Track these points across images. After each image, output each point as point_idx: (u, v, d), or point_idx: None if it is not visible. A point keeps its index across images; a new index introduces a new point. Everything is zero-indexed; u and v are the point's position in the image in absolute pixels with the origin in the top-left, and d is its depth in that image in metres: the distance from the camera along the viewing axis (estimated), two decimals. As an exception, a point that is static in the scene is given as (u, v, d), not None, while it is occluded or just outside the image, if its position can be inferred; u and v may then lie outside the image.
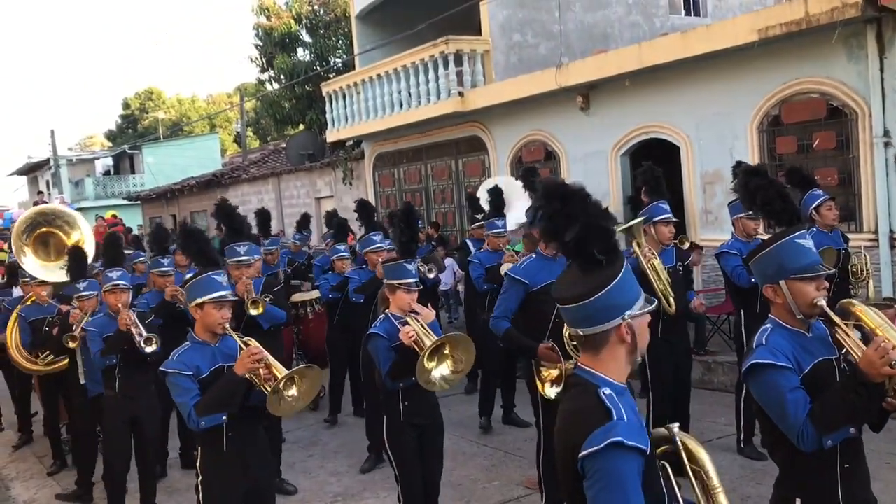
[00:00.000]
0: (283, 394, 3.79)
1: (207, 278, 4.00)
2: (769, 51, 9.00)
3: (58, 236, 7.73)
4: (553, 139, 12.18)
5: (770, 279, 2.91)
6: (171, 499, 6.39)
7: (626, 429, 2.10)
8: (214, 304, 3.95)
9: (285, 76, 20.47)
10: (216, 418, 3.77)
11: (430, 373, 4.31)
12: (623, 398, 2.20)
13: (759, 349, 2.87)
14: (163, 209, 27.68)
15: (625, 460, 2.08)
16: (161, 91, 58.29)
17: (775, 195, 3.06)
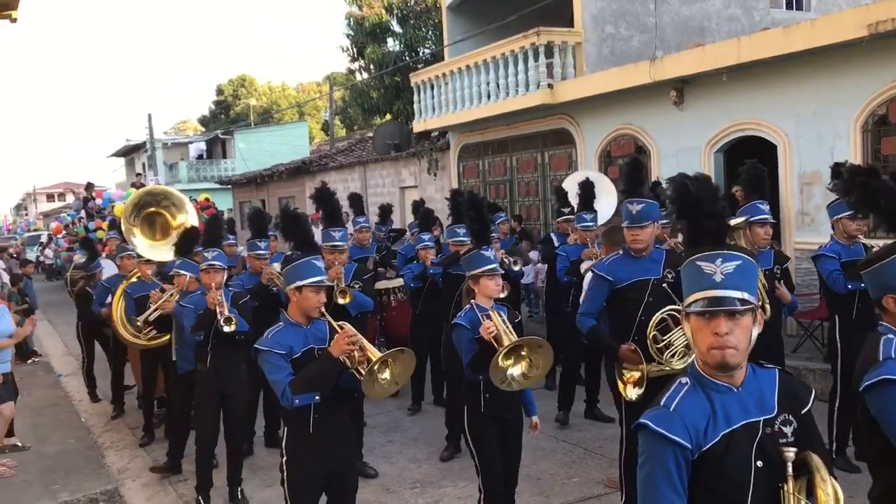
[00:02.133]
0: (377, 376, 3.84)
1: (308, 262, 4.08)
2: (878, 46, 8.59)
3: (164, 217, 8.03)
4: (644, 134, 11.95)
5: (888, 290, 2.76)
6: (256, 476, 6.56)
7: (660, 415, 2.22)
8: (313, 289, 4.03)
9: (375, 66, 20.67)
10: (309, 397, 3.86)
11: (504, 371, 4.28)
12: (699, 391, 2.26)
13: (888, 363, 2.62)
14: (252, 194, 28.39)
15: (650, 443, 2.21)
16: (253, 78, 59.76)
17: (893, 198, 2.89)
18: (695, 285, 2.26)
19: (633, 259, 4.92)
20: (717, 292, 2.21)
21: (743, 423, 2.24)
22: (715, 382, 2.27)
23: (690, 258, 2.29)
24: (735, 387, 2.27)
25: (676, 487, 2.18)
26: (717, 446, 2.20)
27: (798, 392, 2.37)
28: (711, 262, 2.25)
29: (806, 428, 2.33)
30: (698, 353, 2.27)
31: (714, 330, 2.20)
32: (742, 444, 2.22)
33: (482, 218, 5.03)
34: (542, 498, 5.77)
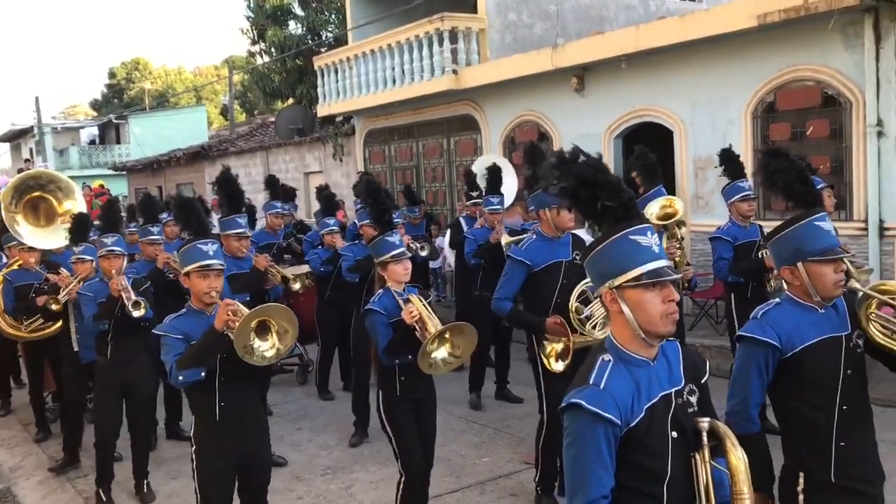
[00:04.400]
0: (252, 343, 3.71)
1: (194, 247, 3.98)
2: (767, 37, 9.01)
3: (49, 202, 7.62)
4: (546, 120, 12.16)
5: (787, 261, 2.93)
6: (160, 469, 6.38)
7: (592, 394, 2.21)
8: (199, 273, 3.93)
9: (276, 49, 20.25)
10: (194, 374, 3.74)
11: (430, 355, 4.30)
12: (622, 367, 2.30)
13: (752, 322, 2.98)
14: (149, 180, 27.44)
15: (581, 422, 2.21)
16: (148, 61, 57.69)
17: (796, 178, 3.06)
18: (634, 259, 2.26)
19: (548, 242, 5.02)
20: (660, 262, 2.28)
21: (660, 396, 2.31)
22: (635, 357, 2.32)
23: (619, 234, 2.29)
24: (651, 360, 2.34)
25: (607, 465, 2.22)
26: (643, 421, 2.26)
27: (697, 363, 2.46)
28: (644, 235, 2.30)
29: (705, 396, 2.43)
30: (643, 324, 2.27)
31: (668, 297, 2.26)
32: (661, 417, 2.29)
33: (382, 203, 4.99)
34: (453, 479, 5.84)
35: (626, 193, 2.34)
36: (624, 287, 2.27)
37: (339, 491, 5.81)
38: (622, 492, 2.26)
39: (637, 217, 2.34)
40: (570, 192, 2.37)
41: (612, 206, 2.31)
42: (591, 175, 2.33)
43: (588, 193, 2.33)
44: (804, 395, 2.90)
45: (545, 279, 4.92)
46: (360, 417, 6.90)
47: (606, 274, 2.32)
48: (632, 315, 2.27)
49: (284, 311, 3.82)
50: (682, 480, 2.31)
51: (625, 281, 2.27)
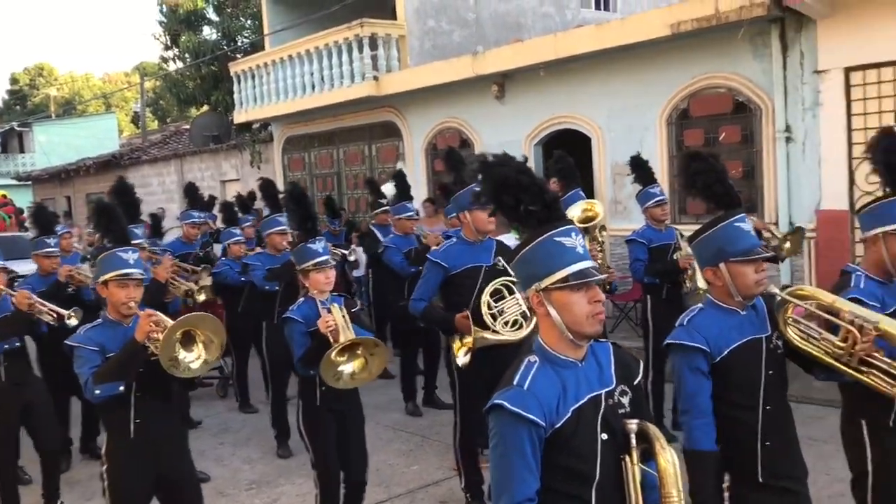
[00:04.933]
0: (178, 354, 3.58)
1: (114, 255, 3.82)
2: (680, 46, 9.26)
3: None
4: (468, 127, 12.21)
5: (709, 262, 2.97)
6: (73, 490, 6.09)
7: (515, 395, 2.21)
8: (118, 283, 3.77)
9: (190, 55, 19.78)
10: (112, 388, 3.58)
11: (336, 367, 4.17)
12: (548, 368, 2.29)
13: (678, 329, 2.99)
14: (56, 190, 26.38)
15: (504, 423, 2.20)
16: (53, 67, 55.63)
17: (716, 179, 3.12)
18: (559, 260, 2.26)
19: (468, 246, 5.00)
20: (585, 263, 2.27)
21: (589, 397, 2.30)
22: (562, 358, 2.31)
23: (544, 236, 2.28)
24: (579, 361, 2.34)
25: (531, 467, 2.21)
26: (569, 422, 2.25)
27: (630, 364, 2.46)
28: (569, 237, 2.29)
29: (638, 398, 2.43)
30: (570, 325, 2.27)
31: (593, 298, 2.26)
32: (589, 418, 2.29)
33: (305, 210, 4.89)
34: (382, 489, 5.76)
35: (550, 195, 2.35)
36: (550, 289, 2.27)
37: (264, 505, 5.66)
38: (550, 494, 2.24)
39: (561, 218, 2.34)
40: (493, 196, 2.35)
41: (535, 209, 2.31)
42: (513, 178, 2.32)
43: (511, 196, 2.32)
44: (731, 397, 2.94)
45: (462, 283, 4.89)
46: (280, 430, 6.75)
47: (533, 276, 2.31)
48: (559, 316, 2.27)
49: (210, 320, 3.70)
50: (612, 483, 2.29)
51: (551, 283, 2.26)
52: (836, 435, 5.07)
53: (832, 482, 5.22)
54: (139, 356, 3.63)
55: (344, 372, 4.21)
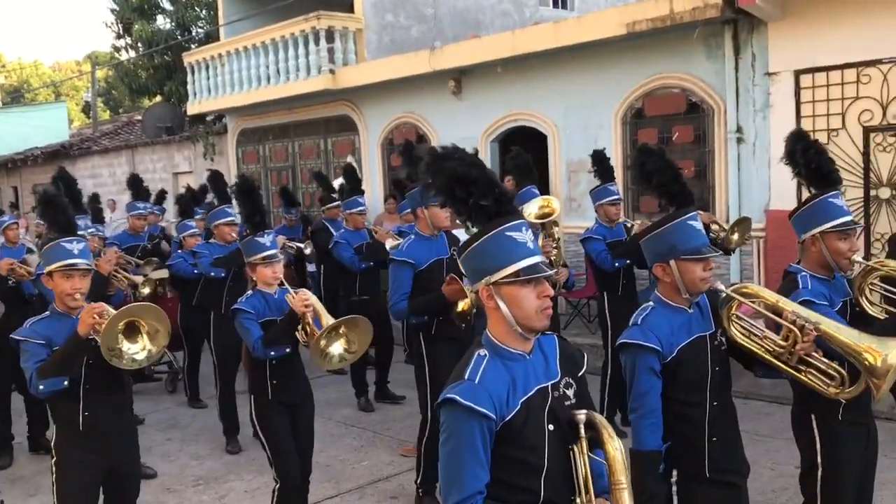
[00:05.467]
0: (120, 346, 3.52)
1: (58, 245, 3.73)
2: (635, 45, 9.35)
3: None
4: (425, 122, 12.18)
5: (659, 258, 2.99)
6: (15, 486, 5.94)
7: (467, 389, 2.21)
8: (63, 273, 3.68)
9: (143, 44, 19.39)
10: (56, 382, 3.53)
11: (324, 349, 4.22)
12: (497, 361, 2.29)
13: (632, 328, 3.00)
14: (2, 180, 25.73)
15: (456, 418, 2.20)
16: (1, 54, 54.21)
17: (671, 177, 3.14)
18: (510, 255, 2.26)
19: (427, 241, 5.01)
20: (535, 258, 2.28)
21: (536, 389, 2.31)
22: (511, 351, 2.32)
23: (494, 230, 2.28)
24: (527, 354, 2.35)
25: (482, 461, 2.21)
26: (518, 414, 2.25)
27: (574, 356, 2.49)
28: (519, 231, 2.28)
29: (582, 390, 2.46)
30: (519, 319, 2.28)
31: (542, 293, 2.27)
32: (536, 410, 2.30)
33: (255, 204, 4.83)
34: (331, 484, 5.71)
35: (501, 189, 2.34)
36: (500, 283, 2.27)
37: (211, 502, 5.57)
38: (500, 486, 2.25)
39: (513, 213, 2.33)
40: (444, 190, 2.33)
41: (486, 204, 2.30)
42: (464, 172, 2.31)
43: (462, 190, 2.31)
44: (679, 395, 2.97)
45: (430, 277, 4.90)
46: (228, 426, 6.67)
47: (483, 270, 2.31)
48: (508, 310, 2.27)
49: (154, 310, 3.63)
50: (561, 473, 2.31)
51: (501, 277, 2.26)
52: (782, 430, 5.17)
53: (777, 476, 5.33)
54: (83, 350, 3.55)
55: (334, 354, 4.27)
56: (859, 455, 3.28)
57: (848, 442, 3.25)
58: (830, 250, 3.30)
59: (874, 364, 2.75)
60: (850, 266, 3.36)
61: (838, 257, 3.31)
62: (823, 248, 3.32)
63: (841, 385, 2.90)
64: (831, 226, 3.31)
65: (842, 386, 2.90)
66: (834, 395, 2.92)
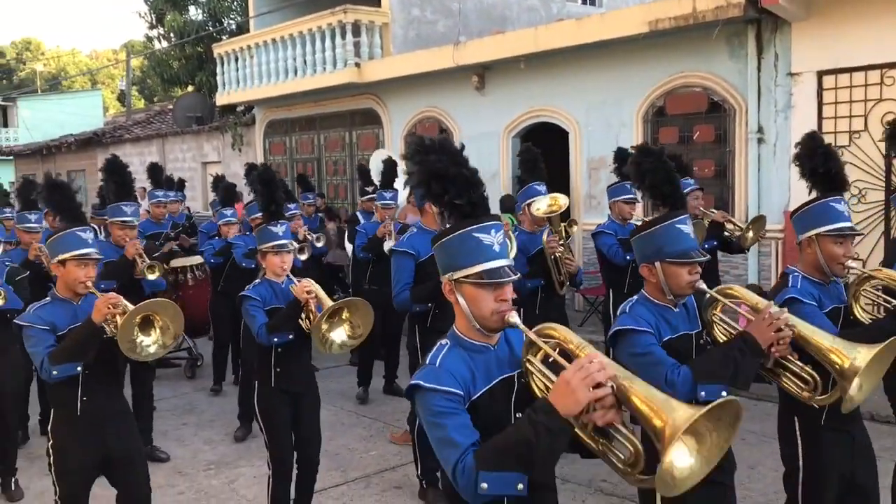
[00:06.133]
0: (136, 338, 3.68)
1: (72, 234, 3.84)
2: (658, 43, 9.32)
3: None
4: (447, 116, 12.23)
5: (647, 259, 3.02)
6: (32, 465, 6.10)
7: (428, 373, 2.27)
8: (78, 262, 3.80)
9: (175, 35, 19.66)
10: (69, 368, 3.63)
11: (324, 334, 4.31)
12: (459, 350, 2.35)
13: (621, 317, 3.03)
14: (37, 166, 26.18)
15: (425, 398, 2.24)
16: (40, 42, 55.13)
17: (664, 178, 3.15)
18: (474, 255, 2.31)
19: (430, 234, 5.05)
20: (499, 262, 2.32)
21: (500, 379, 2.37)
22: (474, 343, 2.38)
23: (463, 229, 2.33)
24: (492, 345, 2.40)
25: (464, 422, 2.22)
26: (482, 400, 2.31)
27: None
28: (488, 233, 2.33)
29: None
30: (476, 318, 2.33)
31: (501, 297, 2.31)
32: (502, 399, 2.36)
33: (272, 193, 4.93)
34: (339, 472, 5.81)
35: (476, 190, 2.39)
36: (461, 281, 2.33)
37: (221, 486, 5.70)
38: None
39: (484, 215, 2.38)
40: (422, 183, 2.40)
41: (460, 202, 2.36)
42: (443, 168, 2.36)
43: (438, 185, 2.37)
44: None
45: (431, 270, 4.94)
46: (244, 411, 6.79)
47: (447, 266, 2.38)
48: (467, 308, 2.34)
49: (172, 307, 3.76)
50: None
51: (463, 276, 2.33)
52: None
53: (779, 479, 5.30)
54: (96, 337, 3.66)
55: (336, 341, 4.36)
56: (841, 460, 3.28)
57: (829, 446, 3.26)
58: (825, 254, 3.31)
59: (842, 367, 2.76)
60: (843, 271, 3.35)
61: (832, 262, 3.31)
62: (818, 251, 3.32)
63: (814, 390, 2.90)
64: (828, 229, 3.31)
65: (814, 391, 2.89)
66: (807, 399, 2.92)
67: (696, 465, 2.09)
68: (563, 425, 2.06)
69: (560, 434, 2.07)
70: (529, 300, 5.74)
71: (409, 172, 2.44)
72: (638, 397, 2.08)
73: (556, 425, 2.05)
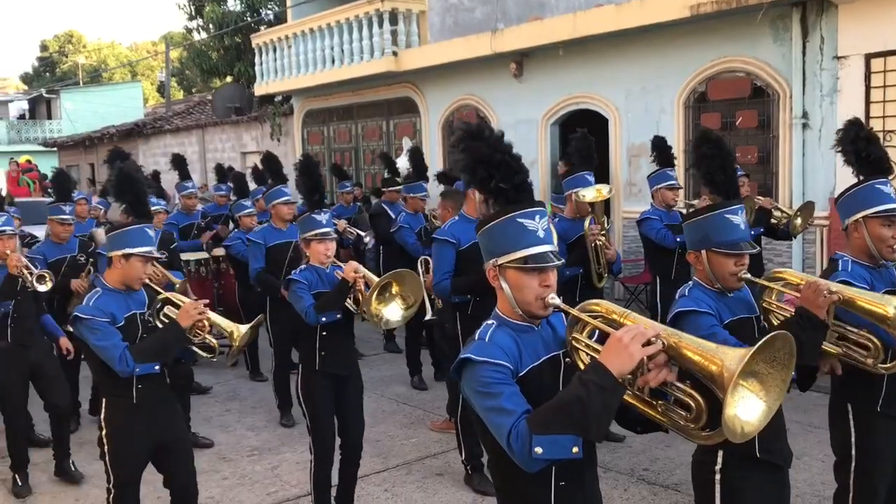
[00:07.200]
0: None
1: (141, 230, 3.87)
2: (699, 28, 9.18)
3: None
4: (485, 104, 12.19)
5: (694, 246, 3.01)
6: (83, 449, 6.23)
7: (478, 346, 2.30)
8: (143, 259, 3.86)
9: (214, 25, 19.85)
10: (150, 367, 3.75)
11: (377, 311, 4.39)
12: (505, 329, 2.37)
13: (681, 299, 3.01)
14: (80, 157, 26.69)
15: (476, 371, 2.25)
16: (82, 35, 55.97)
17: (719, 166, 3.13)
18: (518, 241, 2.32)
19: (471, 222, 5.04)
20: (544, 247, 2.33)
21: (545, 358, 2.38)
22: (518, 323, 2.39)
23: (508, 215, 2.34)
24: (535, 325, 2.42)
25: (515, 391, 2.23)
26: (529, 376, 2.32)
27: None
28: (532, 219, 2.34)
29: None
30: (520, 303, 2.34)
31: (545, 282, 2.32)
32: (549, 376, 2.37)
33: (314, 183, 4.95)
34: (380, 459, 5.85)
35: (520, 176, 2.41)
36: (505, 266, 2.35)
37: (264, 471, 5.77)
38: None
39: (528, 200, 2.39)
40: (468, 168, 2.43)
41: (505, 187, 2.38)
42: (488, 154, 2.39)
43: (484, 171, 2.39)
44: None
45: (473, 258, 4.92)
46: (282, 400, 6.86)
47: (492, 251, 2.39)
48: (510, 293, 2.35)
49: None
50: None
51: (507, 261, 2.34)
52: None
53: (828, 469, 5.19)
54: (182, 342, 3.80)
55: (389, 318, 4.47)
56: (894, 448, 3.23)
57: (882, 433, 3.21)
58: (872, 236, 3.27)
59: (887, 315, 2.80)
60: (892, 254, 3.30)
61: (880, 244, 3.26)
62: (865, 234, 3.29)
63: (875, 357, 2.91)
64: (874, 211, 3.27)
65: (876, 358, 2.92)
66: (871, 366, 2.91)
67: (762, 407, 2.09)
68: (616, 383, 2.05)
69: (612, 392, 2.06)
70: (568, 288, 5.71)
71: (456, 159, 2.47)
72: (689, 349, 2.10)
73: (608, 382, 2.04)
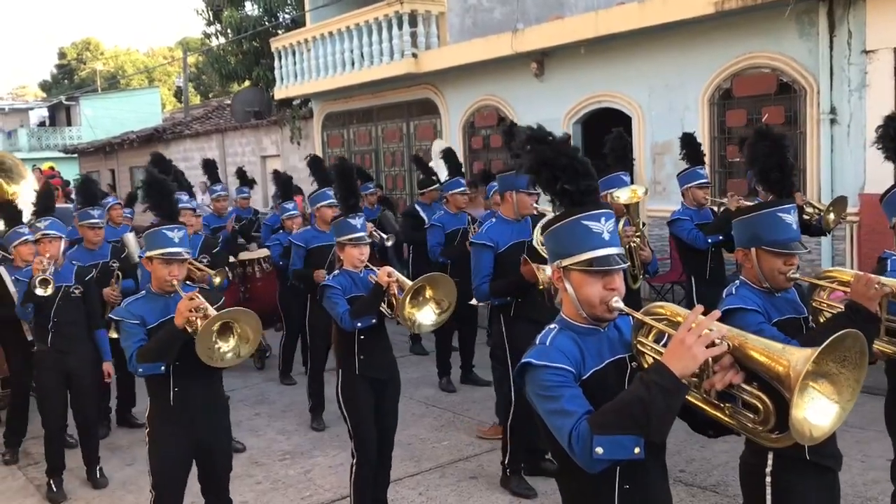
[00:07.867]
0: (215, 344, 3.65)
1: (160, 232, 3.89)
2: (724, 24, 9.10)
3: None
4: (506, 104, 12.15)
5: (743, 243, 2.98)
6: (114, 456, 6.27)
7: (539, 351, 2.29)
8: (162, 260, 3.86)
9: (232, 30, 19.93)
10: (154, 367, 3.73)
11: (412, 314, 4.37)
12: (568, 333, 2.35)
13: (728, 298, 2.98)
14: (101, 163, 26.89)
15: (537, 374, 2.24)
16: (99, 42, 56.45)
17: (775, 164, 3.10)
18: (583, 243, 2.31)
19: (508, 225, 5.04)
20: (609, 250, 2.32)
21: (609, 361, 2.36)
22: (582, 326, 2.38)
23: (573, 217, 2.33)
24: (601, 328, 2.39)
25: (576, 393, 2.22)
26: (592, 379, 2.30)
27: None
28: (597, 221, 2.33)
29: None
30: (584, 305, 2.33)
31: (610, 286, 2.30)
32: (613, 379, 2.34)
33: (350, 187, 4.96)
34: (412, 462, 5.83)
35: (586, 179, 2.39)
36: (570, 269, 2.34)
37: (298, 476, 5.76)
38: None
39: (593, 203, 2.38)
40: (533, 170, 2.44)
41: (570, 189, 2.37)
42: (552, 156, 2.39)
43: (549, 174, 2.39)
44: None
45: (511, 260, 4.92)
46: (315, 404, 6.85)
47: (557, 253, 2.39)
48: (574, 295, 2.34)
49: (252, 317, 3.73)
50: None
51: (572, 263, 2.33)
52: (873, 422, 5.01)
53: (868, 469, 5.18)
54: (178, 339, 3.74)
55: (422, 322, 4.43)
56: None
57: None
58: None
59: None
60: None
61: None
62: None
63: None
64: None
65: None
66: None
67: (834, 409, 2.03)
68: (678, 384, 2.02)
69: (675, 393, 2.03)
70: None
71: (519, 159, 2.47)
72: (754, 350, 2.05)
73: (670, 383, 2.02)
